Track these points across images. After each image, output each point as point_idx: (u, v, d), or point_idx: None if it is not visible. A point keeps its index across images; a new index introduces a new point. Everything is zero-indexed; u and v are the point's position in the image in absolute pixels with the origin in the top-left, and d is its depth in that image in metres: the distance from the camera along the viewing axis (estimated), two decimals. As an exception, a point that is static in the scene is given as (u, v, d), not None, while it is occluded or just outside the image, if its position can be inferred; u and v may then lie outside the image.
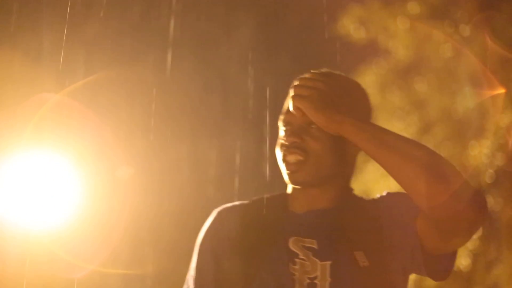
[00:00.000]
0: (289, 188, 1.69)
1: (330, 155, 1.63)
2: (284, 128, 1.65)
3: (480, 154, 5.20)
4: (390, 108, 6.44)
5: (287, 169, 1.62)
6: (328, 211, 1.66)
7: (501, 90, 4.99)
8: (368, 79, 6.25)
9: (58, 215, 7.20)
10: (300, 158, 1.61)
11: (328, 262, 1.58)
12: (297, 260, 1.59)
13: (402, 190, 1.58)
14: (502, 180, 5.18)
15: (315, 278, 1.58)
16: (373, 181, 6.72)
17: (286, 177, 1.64)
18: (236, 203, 1.75)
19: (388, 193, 1.69)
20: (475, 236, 5.39)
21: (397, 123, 6.38)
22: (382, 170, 5.18)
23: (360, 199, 1.70)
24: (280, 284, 1.58)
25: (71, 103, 6.48)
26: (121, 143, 7.82)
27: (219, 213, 1.73)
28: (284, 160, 1.63)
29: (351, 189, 1.72)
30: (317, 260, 1.59)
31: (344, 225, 1.62)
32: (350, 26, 6.16)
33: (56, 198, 6.99)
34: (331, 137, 1.60)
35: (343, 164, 1.67)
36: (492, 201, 5.26)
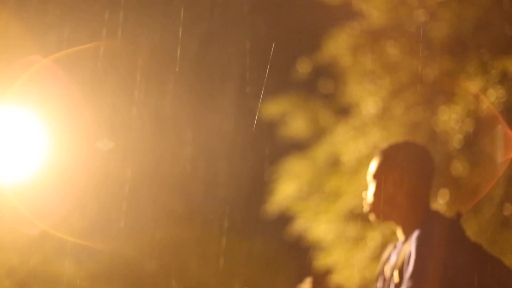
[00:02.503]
0: None
1: (390, 202, 2.38)
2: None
3: (450, 119, 5.23)
4: (361, 71, 6.45)
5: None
6: (403, 241, 2.36)
7: (472, 56, 5.02)
8: (341, 42, 6.24)
9: (27, 172, 7.17)
10: (373, 216, 2.45)
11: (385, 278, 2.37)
12: (383, 281, 2.36)
13: None
14: (470, 145, 5.23)
15: None
16: (342, 143, 6.76)
17: None
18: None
19: (415, 242, 2.29)
20: (442, 201, 5.46)
21: (368, 86, 6.39)
22: (352, 132, 5.16)
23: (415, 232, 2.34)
24: None
25: (58, 68, 6.44)
26: (100, 113, 7.78)
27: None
28: None
29: (424, 219, 2.38)
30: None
31: (399, 252, 2.32)
32: (324, -13, 6.14)
33: (29, 155, 6.97)
34: (381, 193, 2.38)
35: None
36: (460, 167, 5.31)
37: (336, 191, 7.02)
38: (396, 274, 2.25)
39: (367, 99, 6.42)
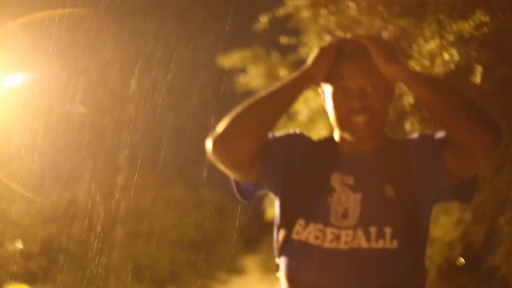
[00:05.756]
0: (337, 135, 2.00)
1: (386, 110, 1.94)
2: (341, 93, 1.92)
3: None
4: (321, 27, 6.53)
5: (355, 129, 1.90)
6: (368, 153, 1.94)
7: (430, 17, 5.10)
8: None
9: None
10: (368, 118, 1.89)
11: (359, 195, 1.87)
12: (334, 194, 1.89)
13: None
14: (421, 105, 5.31)
15: (348, 208, 1.86)
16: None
17: (350, 135, 1.92)
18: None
19: (416, 134, 1.97)
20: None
21: (327, 41, 6.48)
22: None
23: (393, 141, 1.99)
24: (318, 212, 1.88)
25: (23, 33, 6.45)
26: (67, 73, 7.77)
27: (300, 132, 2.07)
28: (351, 121, 1.90)
29: (385, 133, 2.01)
30: (351, 193, 1.88)
31: (378, 165, 1.90)
32: None
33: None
34: (383, 94, 1.92)
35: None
36: (409, 126, 5.43)
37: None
38: (389, 188, 1.84)
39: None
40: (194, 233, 17.49)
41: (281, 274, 1.90)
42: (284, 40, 7.00)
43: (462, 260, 6.07)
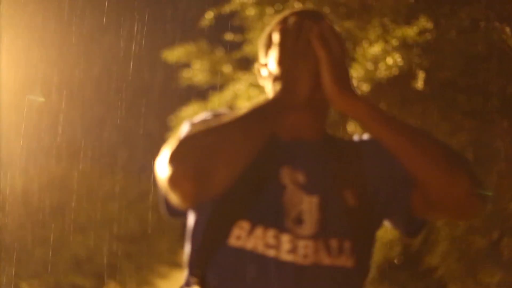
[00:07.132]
0: None
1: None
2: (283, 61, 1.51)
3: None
4: (266, 24, 6.52)
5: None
6: (315, 143, 1.56)
7: (373, 19, 5.16)
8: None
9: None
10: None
11: (316, 198, 1.50)
12: (285, 193, 1.49)
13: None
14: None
15: (302, 212, 1.49)
16: (243, 93, 6.87)
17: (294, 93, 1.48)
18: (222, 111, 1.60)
19: (373, 142, 1.57)
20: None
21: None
22: (251, 80, 5.20)
23: (337, 138, 1.64)
24: (270, 213, 1.48)
25: None
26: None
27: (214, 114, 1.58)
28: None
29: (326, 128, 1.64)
30: (304, 194, 1.50)
31: (331, 161, 1.54)
32: None
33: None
34: None
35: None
36: (353, 127, 5.49)
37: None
38: (348, 193, 1.50)
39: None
40: (134, 225, 17.37)
41: None
42: (229, 36, 7.00)
43: (399, 259, 6.18)
